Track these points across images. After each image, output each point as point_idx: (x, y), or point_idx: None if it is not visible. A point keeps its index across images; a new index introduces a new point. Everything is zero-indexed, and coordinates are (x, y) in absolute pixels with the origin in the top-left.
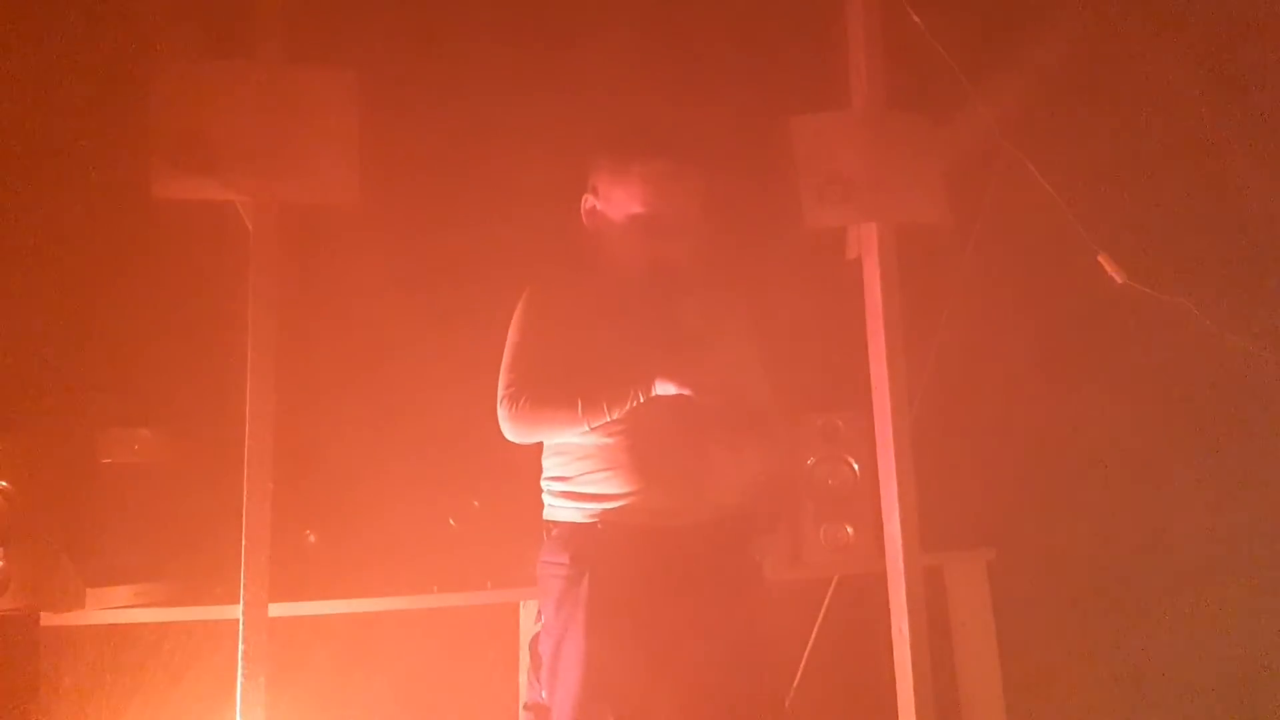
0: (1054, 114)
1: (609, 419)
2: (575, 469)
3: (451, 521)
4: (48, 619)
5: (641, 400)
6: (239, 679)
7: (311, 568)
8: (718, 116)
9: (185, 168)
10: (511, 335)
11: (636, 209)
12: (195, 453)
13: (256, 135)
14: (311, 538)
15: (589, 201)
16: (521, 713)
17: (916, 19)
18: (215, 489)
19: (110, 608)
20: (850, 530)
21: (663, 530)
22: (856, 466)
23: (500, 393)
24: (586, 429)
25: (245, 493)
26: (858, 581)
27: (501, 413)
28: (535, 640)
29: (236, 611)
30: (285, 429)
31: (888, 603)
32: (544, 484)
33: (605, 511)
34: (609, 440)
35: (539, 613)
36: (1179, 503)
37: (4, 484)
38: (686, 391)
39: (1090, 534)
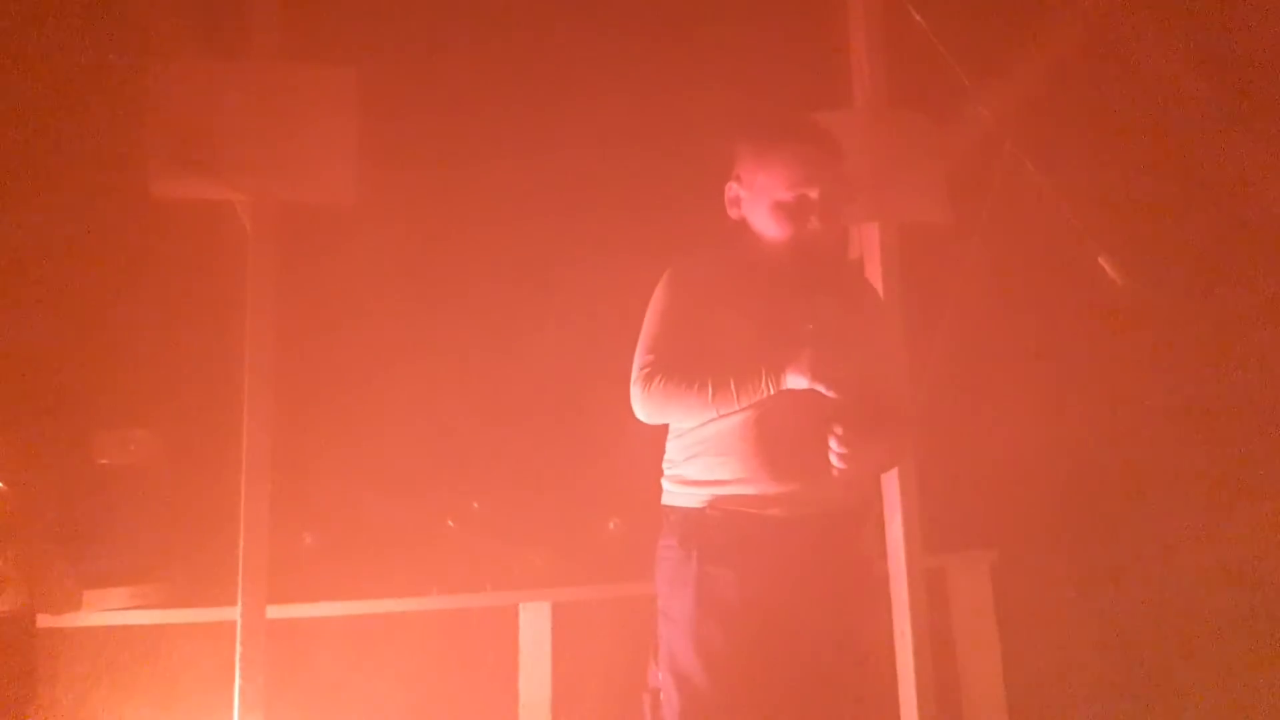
0: (1056, 113)
1: (737, 407)
2: (689, 453)
3: (450, 523)
4: (44, 621)
5: (771, 392)
6: (237, 681)
7: (310, 569)
8: (719, 116)
9: (183, 167)
10: (651, 313)
11: (784, 195)
12: (192, 454)
13: (254, 134)
14: (309, 539)
15: (733, 189)
16: (644, 696)
17: (918, 18)
18: (213, 490)
19: (107, 609)
20: None
21: (770, 520)
22: None
23: (635, 372)
24: (715, 415)
25: (243, 494)
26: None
27: (635, 391)
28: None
29: (234, 613)
30: (283, 430)
31: (890, 604)
32: (664, 467)
33: (716, 498)
34: (728, 426)
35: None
36: (1181, 504)
37: (1, 485)
38: (819, 388)
39: (1093, 536)
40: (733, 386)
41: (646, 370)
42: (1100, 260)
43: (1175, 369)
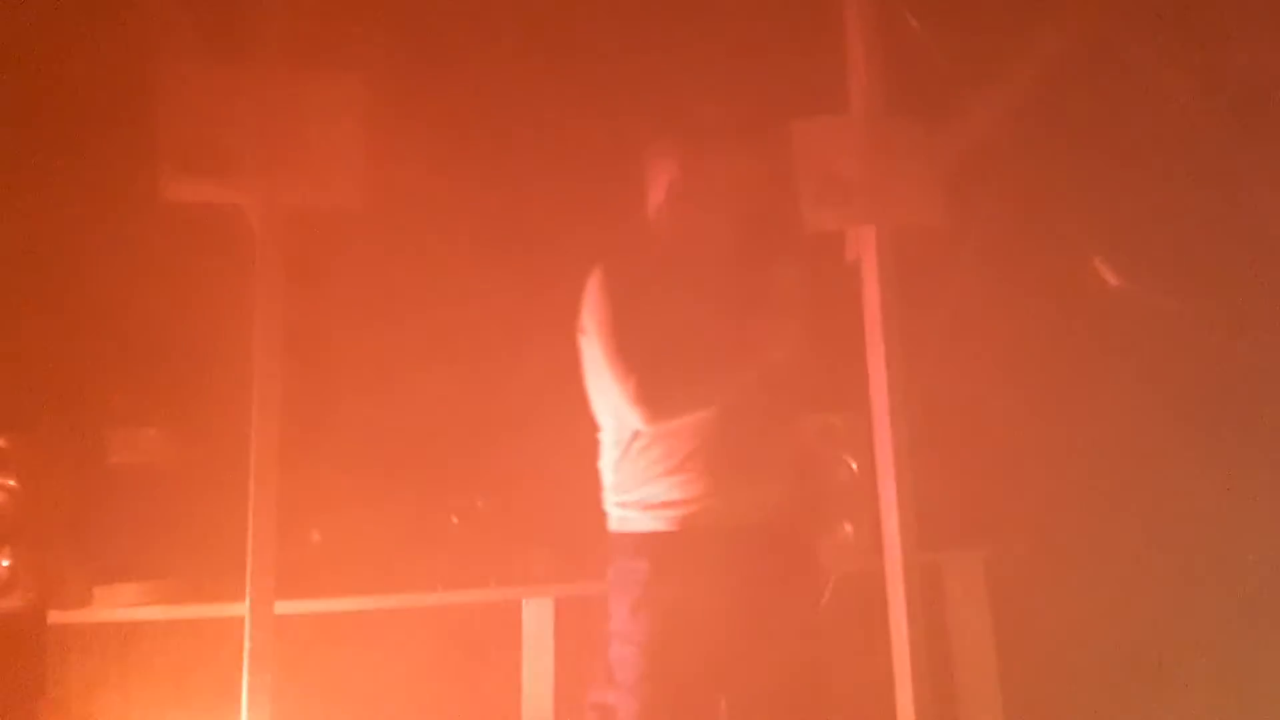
0: (1051, 117)
1: (738, 389)
2: (642, 478)
3: (455, 519)
4: (55, 617)
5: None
6: (245, 676)
7: (317, 565)
8: (716, 121)
9: (192, 170)
10: (606, 317)
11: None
12: (202, 451)
13: (263, 138)
14: (316, 536)
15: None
16: (588, 711)
17: (914, 24)
18: (221, 487)
19: (117, 606)
20: (848, 528)
21: (722, 532)
22: (854, 465)
23: (630, 378)
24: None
25: (251, 491)
26: (855, 580)
27: (637, 397)
28: (609, 645)
29: (242, 609)
30: (291, 428)
31: (885, 601)
32: (609, 495)
33: (672, 518)
34: (672, 445)
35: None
36: (1176, 502)
37: (11, 483)
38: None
39: (1087, 532)
40: (729, 370)
41: (642, 376)
42: (1095, 262)
43: (1171, 368)
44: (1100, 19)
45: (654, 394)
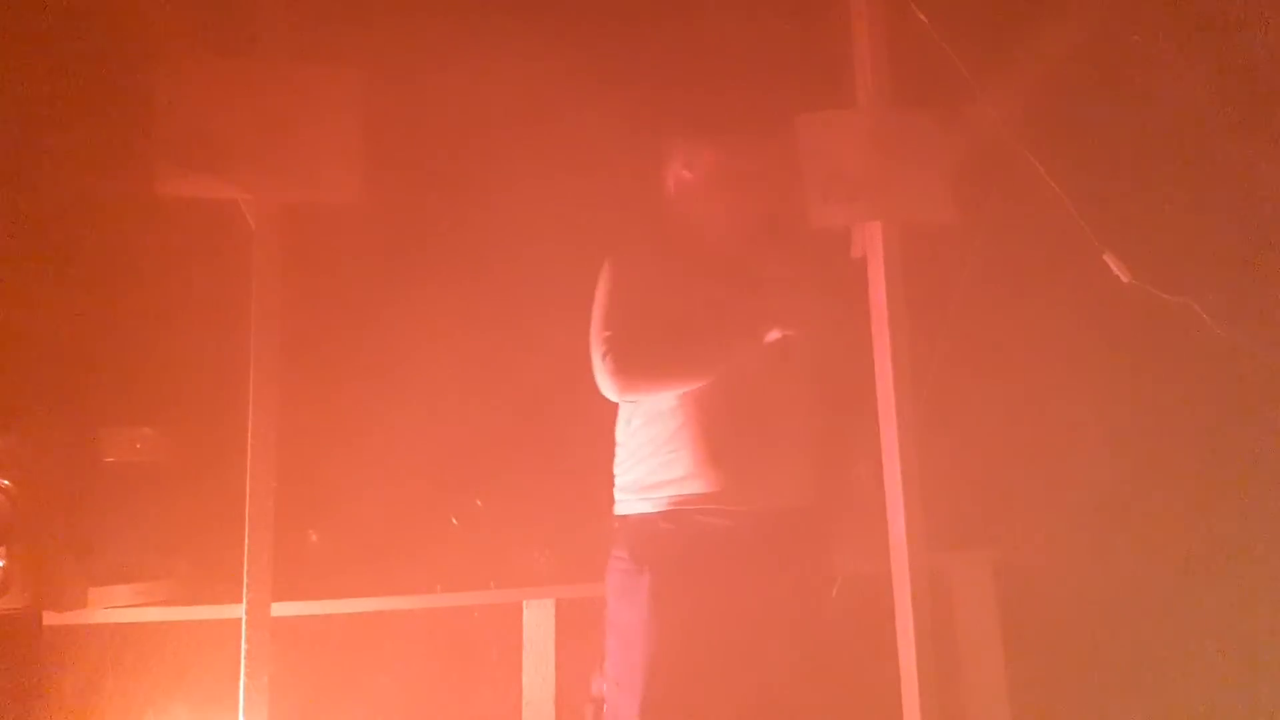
0: (1060, 112)
1: (720, 369)
2: (637, 457)
3: (454, 521)
4: (50, 618)
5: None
6: (241, 678)
7: (315, 567)
8: (722, 115)
9: (188, 166)
10: (601, 298)
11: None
12: (198, 451)
13: (260, 133)
14: (314, 537)
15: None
16: (587, 706)
17: (922, 17)
18: (218, 487)
19: (113, 607)
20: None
21: (721, 520)
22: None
23: (601, 347)
24: (695, 381)
25: (248, 491)
26: (861, 581)
27: (606, 366)
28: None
29: (239, 610)
30: (288, 427)
31: (892, 603)
32: (615, 475)
33: (668, 498)
34: (674, 426)
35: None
36: (1182, 503)
37: (6, 482)
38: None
39: (1095, 535)
40: (718, 343)
41: (617, 344)
42: (1105, 258)
43: (1181, 367)
44: (1110, 10)
45: (627, 365)
